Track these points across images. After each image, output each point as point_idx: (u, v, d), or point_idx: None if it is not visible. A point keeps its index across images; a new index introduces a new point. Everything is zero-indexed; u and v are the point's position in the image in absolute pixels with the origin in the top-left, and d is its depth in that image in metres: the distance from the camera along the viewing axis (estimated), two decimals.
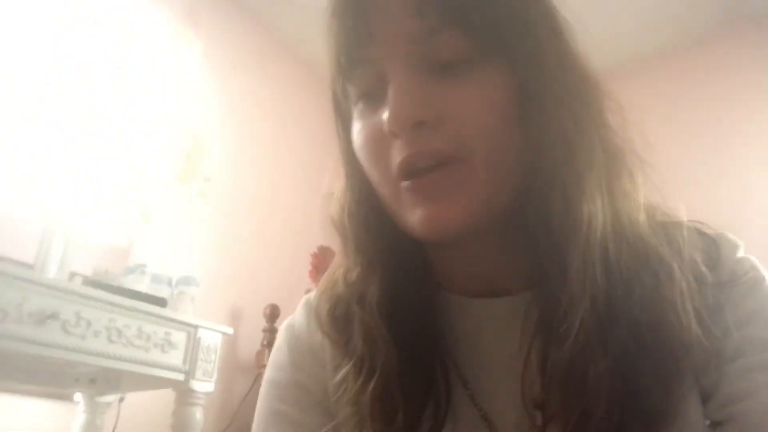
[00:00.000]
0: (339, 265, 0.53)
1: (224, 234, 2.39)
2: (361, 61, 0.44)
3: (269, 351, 2.22)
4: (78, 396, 1.72)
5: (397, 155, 0.41)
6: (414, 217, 0.42)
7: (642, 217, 0.44)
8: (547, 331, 0.41)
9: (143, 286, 1.63)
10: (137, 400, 1.81)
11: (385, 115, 0.41)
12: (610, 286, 0.40)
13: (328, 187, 0.53)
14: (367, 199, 0.47)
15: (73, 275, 1.65)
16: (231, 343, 2.26)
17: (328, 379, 0.50)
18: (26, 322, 1.24)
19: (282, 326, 0.58)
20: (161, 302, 1.53)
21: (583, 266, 0.39)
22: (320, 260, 2.76)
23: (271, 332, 2.28)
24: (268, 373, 0.55)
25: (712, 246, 0.46)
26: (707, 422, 0.43)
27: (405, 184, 0.41)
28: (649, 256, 0.42)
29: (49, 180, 1.78)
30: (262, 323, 2.30)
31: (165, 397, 1.63)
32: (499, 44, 0.41)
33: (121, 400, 1.74)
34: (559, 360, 0.40)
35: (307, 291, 2.22)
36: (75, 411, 1.72)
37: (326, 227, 0.51)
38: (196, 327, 1.57)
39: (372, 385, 0.44)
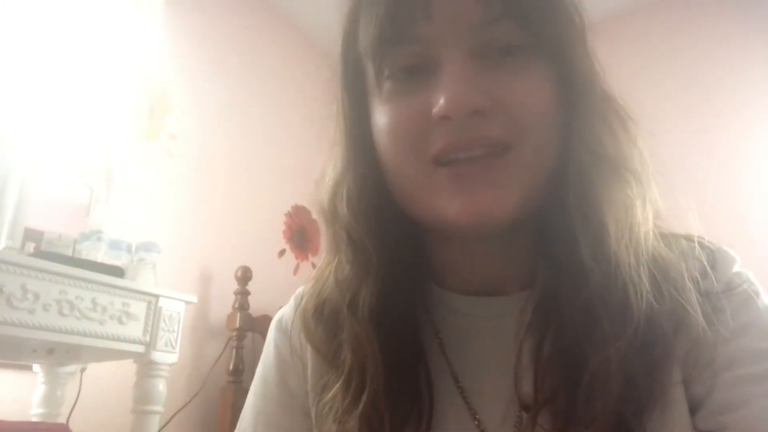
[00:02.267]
0: (328, 262, 0.50)
1: (193, 194, 2.29)
2: (411, 39, 0.42)
3: (240, 314, 2.18)
4: (36, 367, 1.65)
5: (441, 139, 0.41)
6: (452, 206, 0.41)
7: (650, 224, 0.44)
8: (546, 327, 0.42)
9: (100, 253, 1.53)
10: (100, 371, 1.75)
11: (439, 99, 0.40)
12: (650, 287, 0.41)
13: (320, 173, 0.50)
14: (370, 185, 0.45)
15: (27, 231, 1.56)
16: (202, 307, 2.19)
17: (311, 393, 0.50)
18: None
19: (273, 319, 0.57)
20: (117, 272, 1.44)
21: (636, 271, 0.40)
22: (295, 220, 2.68)
23: (242, 294, 2.22)
24: (259, 367, 0.56)
25: (710, 257, 0.46)
26: None
27: (445, 170, 0.41)
28: (663, 258, 0.43)
29: (5, 131, 1.66)
30: (234, 286, 2.24)
31: (129, 367, 1.56)
32: (548, 43, 0.42)
33: (83, 370, 1.67)
34: (559, 351, 0.41)
35: (281, 252, 2.13)
36: (35, 381, 1.65)
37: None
38: (156, 296, 1.49)
39: (361, 406, 0.44)
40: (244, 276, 2.23)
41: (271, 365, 0.54)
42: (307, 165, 2.50)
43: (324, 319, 0.49)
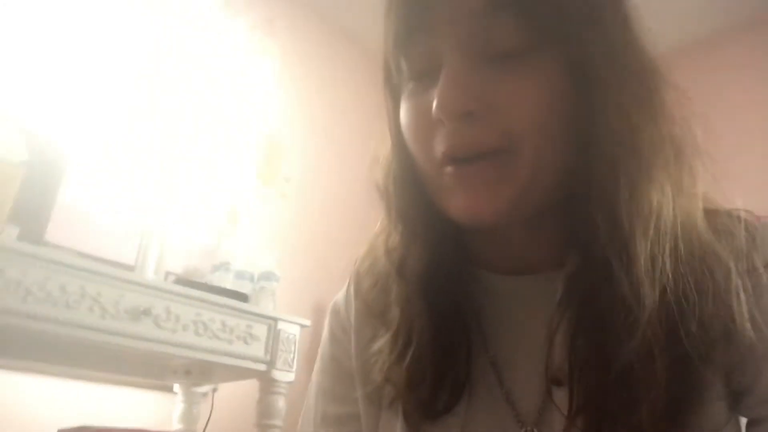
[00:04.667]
0: (381, 231, 0.53)
1: (306, 231, 2.48)
2: (419, 37, 0.43)
3: None
4: (176, 387, 1.87)
5: (441, 142, 0.42)
6: (453, 203, 0.43)
7: (700, 213, 0.43)
8: (574, 307, 0.42)
9: (228, 282, 1.73)
10: (229, 390, 1.93)
11: (434, 99, 0.40)
12: (674, 280, 0.39)
13: (374, 151, 0.53)
14: (411, 172, 0.47)
15: (168, 274, 1.80)
16: (315, 336, 2.33)
17: (354, 350, 0.54)
18: (122, 317, 1.37)
19: (330, 303, 0.62)
20: (243, 297, 1.62)
21: (651, 258, 0.39)
22: None
23: None
24: (319, 349, 0.61)
25: (753, 232, 0.44)
26: (743, 420, 0.43)
27: (449, 169, 0.42)
28: (706, 254, 0.41)
29: (145, 187, 1.94)
30: None
31: (253, 386, 1.72)
32: (562, 31, 0.40)
33: (215, 390, 1.86)
34: (586, 332, 0.40)
35: None
36: (174, 401, 1.86)
37: (371, 192, 0.53)
38: (275, 320, 1.65)
39: (408, 359, 0.46)
40: None
41: (326, 344, 0.59)
42: None
43: (375, 281, 0.53)
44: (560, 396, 0.42)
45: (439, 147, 0.42)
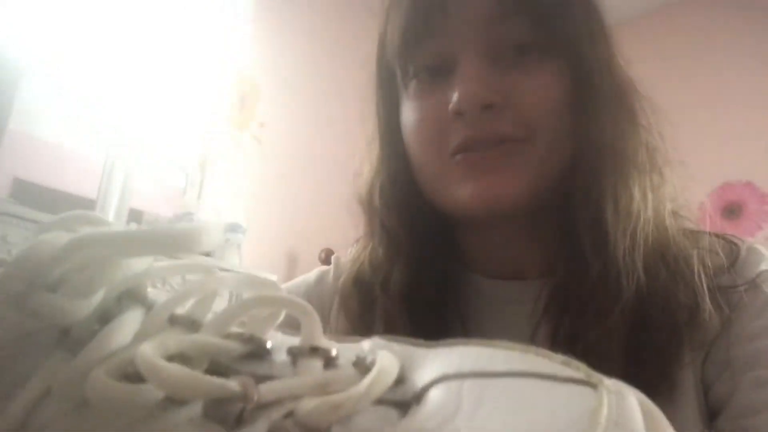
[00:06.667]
0: (364, 247, 0.54)
1: (280, 178, 2.40)
2: (430, 37, 0.45)
3: None
4: None
5: (457, 134, 0.43)
6: (464, 190, 0.43)
7: (667, 211, 0.46)
8: (559, 313, 0.44)
9: None
10: None
11: (454, 95, 0.42)
12: (645, 275, 0.41)
13: (359, 166, 0.54)
14: (401, 179, 0.48)
15: (131, 213, 1.72)
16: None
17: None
18: None
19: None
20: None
21: (631, 257, 0.41)
22: None
23: None
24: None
25: (735, 250, 0.46)
26: None
27: (459, 157, 0.43)
28: (670, 245, 0.44)
29: (113, 123, 1.84)
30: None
31: None
32: (560, 42, 0.44)
33: None
34: (570, 336, 0.42)
35: (358, 239, 2.19)
36: None
37: (353, 206, 0.54)
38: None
39: None
40: (327, 258, 2.32)
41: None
42: None
43: (359, 296, 0.52)
44: None
45: (455, 139, 0.43)
